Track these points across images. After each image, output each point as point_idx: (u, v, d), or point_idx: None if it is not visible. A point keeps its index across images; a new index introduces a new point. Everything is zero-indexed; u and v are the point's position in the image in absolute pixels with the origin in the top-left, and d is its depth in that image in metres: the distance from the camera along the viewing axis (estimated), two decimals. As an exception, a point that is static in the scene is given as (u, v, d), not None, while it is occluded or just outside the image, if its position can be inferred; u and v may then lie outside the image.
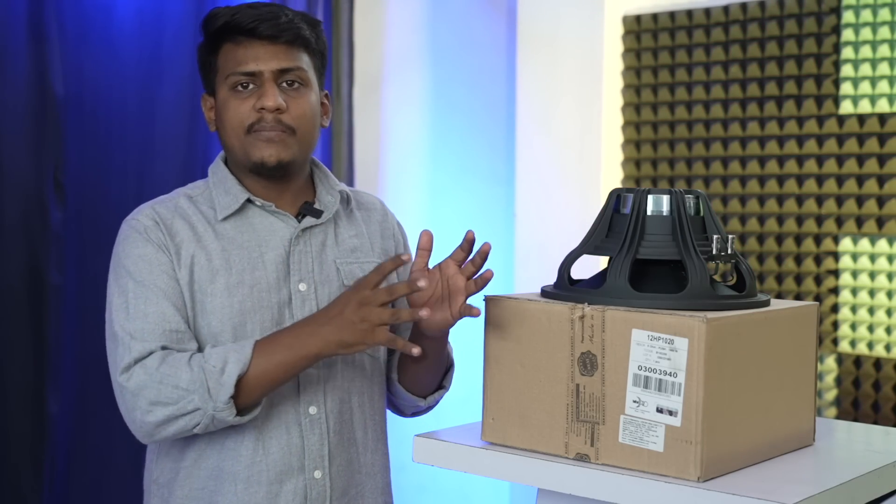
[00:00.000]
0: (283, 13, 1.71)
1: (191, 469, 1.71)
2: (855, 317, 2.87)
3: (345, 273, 1.77)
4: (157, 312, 1.65)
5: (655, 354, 1.32)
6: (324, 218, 1.77)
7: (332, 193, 1.80)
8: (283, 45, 1.70)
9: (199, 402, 1.58)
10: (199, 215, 1.74)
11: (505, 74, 3.59)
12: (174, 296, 1.67)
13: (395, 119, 3.85)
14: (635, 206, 1.44)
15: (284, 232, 1.74)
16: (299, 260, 1.74)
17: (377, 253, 1.83)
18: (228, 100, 1.71)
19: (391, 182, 3.81)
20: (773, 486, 1.29)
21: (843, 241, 2.90)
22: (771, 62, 3.02)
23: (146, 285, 1.66)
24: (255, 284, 1.70)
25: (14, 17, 2.81)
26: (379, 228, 1.87)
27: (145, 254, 1.68)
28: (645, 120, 3.26)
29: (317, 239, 1.77)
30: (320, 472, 1.72)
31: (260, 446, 1.69)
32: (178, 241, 1.70)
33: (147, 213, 1.72)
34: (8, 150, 2.80)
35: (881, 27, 2.83)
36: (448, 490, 3.59)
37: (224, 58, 1.71)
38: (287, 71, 1.70)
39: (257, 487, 1.69)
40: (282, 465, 1.69)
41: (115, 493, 3.04)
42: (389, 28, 3.86)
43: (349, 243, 1.80)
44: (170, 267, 1.68)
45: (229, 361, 1.58)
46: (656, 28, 3.23)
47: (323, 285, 1.75)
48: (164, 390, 1.59)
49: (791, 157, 2.98)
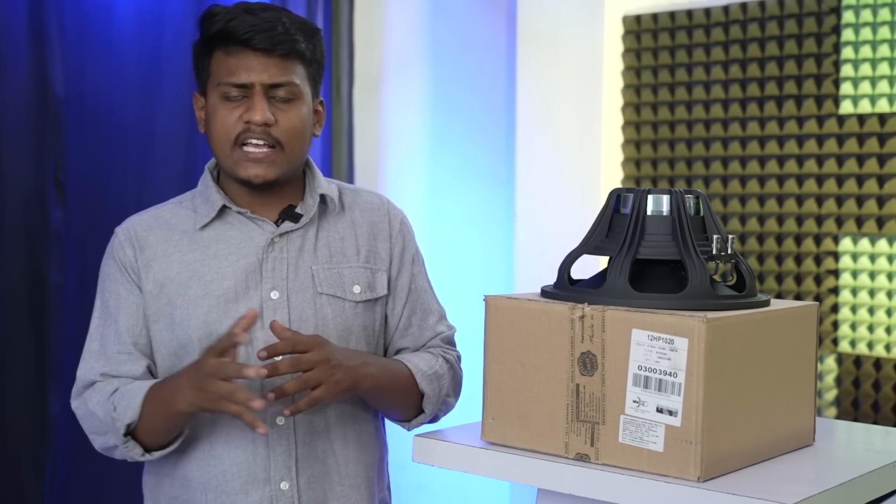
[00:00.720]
0: (280, 23, 1.65)
1: (169, 478, 1.73)
2: (855, 317, 2.87)
3: (319, 280, 1.71)
4: (111, 336, 1.71)
5: (655, 354, 1.32)
6: (301, 223, 1.72)
7: (313, 196, 1.75)
8: (277, 58, 1.65)
9: (115, 440, 1.66)
10: (180, 225, 1.73)
11: (505, 74, 3.59)
12: (130, 315, 1.71)
13: (395, 119, 3.85)
14: (635, 206, 1.44)
15: (260, 238, 1.71)
16: (272, 267, 1.69)
17: (363, 257, 1.76)
18: (217, 108, 1.68)
19: (391, 182, 3.81)
20: (773, 486, 1.29)
21: (843, 241, 2.90)
22: (771, 62, 3.02)
23: (107, 306, 1.73)
24: (222, 295, 1.67)
25: (14, 16, 2.81)
26: (371, 230, 1.79)
27: (111, 273, 1.74)
28: (645, 120, 3.26)
29: (294, 244, 1.72)
30: (287, 484, 1.68)
31: (227, 456, 1.68)
32: (150, 255, 1.71)
33: (125, 227, 1.76)
34: (8, 149, 2.80)
35: (881, 27, 2.83)
36: (448, 490, 3.59)
37: (216, 64, 1.68)
38: (278, 86, 1.66)
39: (225, 497, 1.68)
40: (247, 476, 1.68)
41: (116, 493, 3.04)
42: (389, 28, 3.86)
43: (330, 248, 1.74)
44: (128, 286, 1.71)
45: (122, 409, 1.63)
46: (656, 28, 3.23)
47: (296, 293, 1.69)
48: (95, 422, 1.68)
49: (791, 157, 2.98)
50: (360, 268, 1.75)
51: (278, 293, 1.69)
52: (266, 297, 1.68)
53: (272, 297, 1.68)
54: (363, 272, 1.75)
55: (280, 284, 1.69)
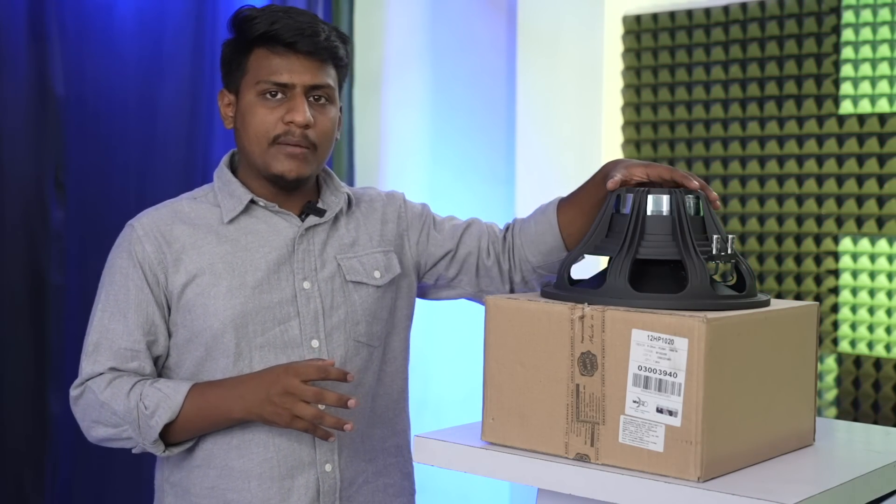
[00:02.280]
0: (321, 28, 1.72)
1: (202, 468, 1.74)
2: (855, 317, 2.87)
3: (346, 268, 1.79)
4: (118, 329, 1.71)
5: (655, 354, 1.32)
6: (327, 216, 1.79)
7: (336, 195, 1.83)
8: (318, 62, 1.72)
9: (132, 433, 1.68)
10: (202, 219, 1.76)
11: (505, 74, 3.58)
12: (141, 312, 1.72)
13: (395, 119, 3.85)
14: (635, 206, 1.44)
15: (288, 231, 1.77)
16: (303, 259, 1.76)
17: (376, 241, 1.84)
18: (255, 106, 1.72)
19: (391, 182, 3.81)
20: (773, 486, 1.29)
21: (843, 241, 2.90)
22: (771, 62, 3.02)
23: (116, 300, 1.73)
24: (256, 286, 1.72)
25: (14, 16, 2.81)
26: (380, 218, 1.88)
27: (123, 266, 1.74)
28: (645, 120, 3.26)
29: (319, 237, 1.79)
30: (330, 466, 1.74)
31: (271, 443, 1.72)
32: (178, 248, 1.73)
33: (143, 222, 1.76)
34: (9, 149, 2.80)
35: (881, 27, 2.83)
36: (448, 490, 3.59)
37: (257, 63, 1.72)
38: (318, 87, 1.72)
39: (270, 483, 1.72)
40: (293, 461, 1.72)
41: (116, 493, 3.04)
42: (389, 28, 3.86)
43: (348, 238, 1.82)
44: (143, 282, 1.72)
45: (160, 408, 1.66)
46: (656, 28, 3.23)
47: (325, 282, 1.77)
48: (105, 413, 1.68)
49: (791, 157, 2.98)
50: (375, 252, 1.83)
51: (309, 283, 1.76)
52: (299, 287, 1.75)
53: (305, 288, 1.75)
54: (380, 256, 1.84)
55: (311, 275, 1.76)
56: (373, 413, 1.82)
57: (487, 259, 1.87)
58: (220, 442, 1.72)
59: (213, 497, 1.73)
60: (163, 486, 1.80)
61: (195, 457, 1.74)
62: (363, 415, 1.79)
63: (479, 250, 1.88)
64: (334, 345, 1.76)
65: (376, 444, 1.82)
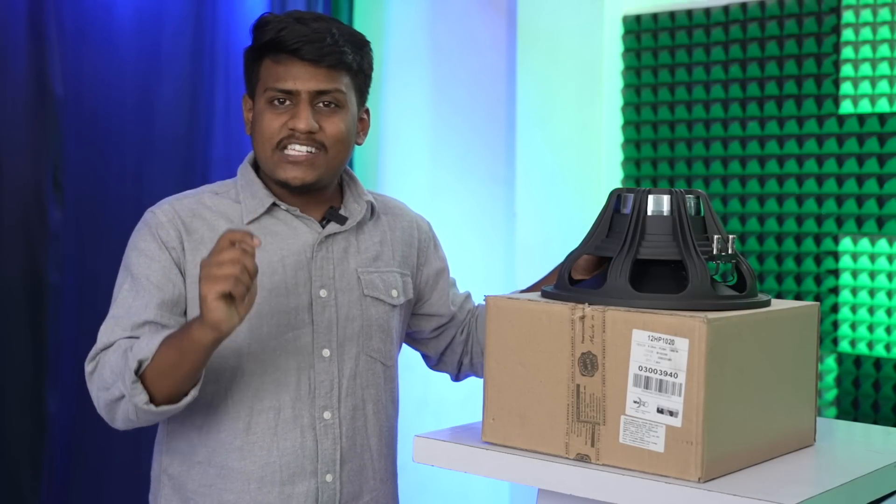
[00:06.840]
0: (329, 34, 1.70)
1: (203, 465, 1.73)
2: (855, 317, 2.87)
3: (365, 282, 1.78)
4: (140, 306, 1.67)
5: (656, 355, 1.32)
6: (348, 225, 1.78)
7: (359, 202, 1.82)
8: (324, 69, 1.70)
9: (122, 387, 1.58)
10: (223, 215, 1.75)
11: (505, 74, 3.58)
12: (165, 292, 1.69)
13: (395, 119, 3.85)
14: (635, 206, 1.44)
15: (308, 237, 1.76)
16: (321, 266, 1.75)
17: (397, 261, 1.85)
18: (263, 112, 1.72)
19: (391, 182, 3.81)
20: (774, 487, 1.29)
21: (843, 241, 2.90)
22: (771, 62, 3.02)
23: (139, 279, 1.69)
24: (273, 288, 1.71)
25: (14, 16, 2.81)
26: (403, 235, 1.88)
27: (147, 249, 1.71)
28: (645, 120, 3.26)
29: (339, 246, 1.78)
30: (331, 476, 1.74)
31: (275, 448, 1.71)
32: (197, 239, 1.72)
33: (164, 210, 1.75)
34: (7, 149, 2.80)
35: (881, 27, 2.83)
36: (448, 490, 3.59)
37: (265, 71, 1.73)
38: (324, 93, 1.71)
39: (270, 487, 1.71)
40: (295, 467, 1.72)
41: (114, 492, 3.04)
42: (389, 28, 3.86)
43: (371, 251, 1.81)
44: (170, 265, 1.70)
45: (135, 349, 1.57)
46: (656, 28, 3.23)
47: (343, 293, 1.76)
48: (104, 374, 1.62)
49: (791, 157, 2.98)
50: (396, 272, 1.84)
51: (326, 292, 1.75)
52: (316, 294, 1.74)
53: (321, 295, 1.74)
54: (399, 277, 1.84)
55: (328, 283, 1.75)
56: (389, 434, 1.84)
57: (460, 336, 1.95)
58: (222, 443, 1.71)
59: (209, 496, 1.72)
60: (160, 477, 1.77)
61: (197, 452, 1.73)
62: (381, 434, 1.81)
63: (461, 326, 1.95)
64: (346, 356, 1.76)
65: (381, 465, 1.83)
